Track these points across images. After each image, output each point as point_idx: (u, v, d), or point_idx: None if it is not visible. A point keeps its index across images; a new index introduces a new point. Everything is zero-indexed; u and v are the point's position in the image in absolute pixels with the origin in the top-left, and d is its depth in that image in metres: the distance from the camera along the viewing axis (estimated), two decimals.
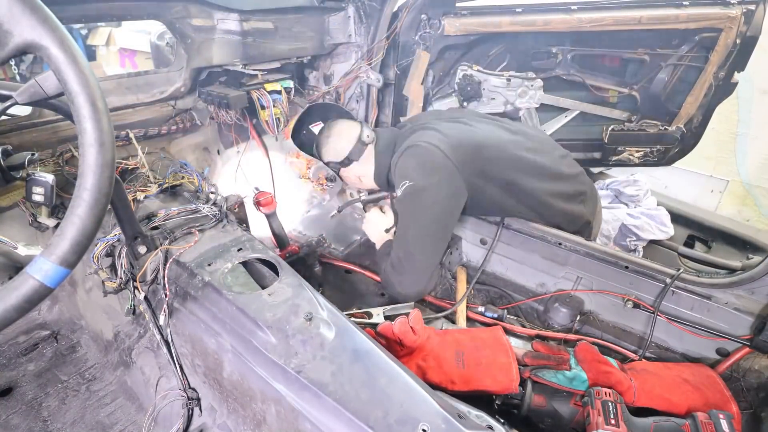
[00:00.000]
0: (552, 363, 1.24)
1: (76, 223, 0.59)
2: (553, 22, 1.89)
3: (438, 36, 1.96)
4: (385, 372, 0.83)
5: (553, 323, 1.73)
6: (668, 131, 2.10)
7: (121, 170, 1.44)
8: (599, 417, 1.13)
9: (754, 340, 1.39)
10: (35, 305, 0.60)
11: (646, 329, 1.62)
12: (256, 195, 1.76)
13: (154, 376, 1.26)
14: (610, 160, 2.23)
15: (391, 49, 2.03)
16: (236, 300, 0.98)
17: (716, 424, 1.10)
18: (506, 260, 1.88)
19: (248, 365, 0.94)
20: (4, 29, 0.56)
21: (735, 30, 1.81)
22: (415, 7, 1.92)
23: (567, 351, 1.29)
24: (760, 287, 1.40)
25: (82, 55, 0.60)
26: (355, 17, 1.93)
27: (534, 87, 2.09)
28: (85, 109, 0.59)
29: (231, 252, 1.15)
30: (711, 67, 1.90)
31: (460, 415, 0.77)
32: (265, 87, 1.80)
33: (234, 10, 1.61)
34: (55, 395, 1.36)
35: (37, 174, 1.00)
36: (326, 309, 0.96)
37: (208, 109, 1.81)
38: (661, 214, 2.01)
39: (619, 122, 2.16)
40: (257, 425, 0.97)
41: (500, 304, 1.87)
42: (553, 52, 2.03)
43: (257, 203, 1.71)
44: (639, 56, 1.98)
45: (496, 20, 1.92)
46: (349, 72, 2.04)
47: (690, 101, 2.01)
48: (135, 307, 1.20)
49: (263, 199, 1.70)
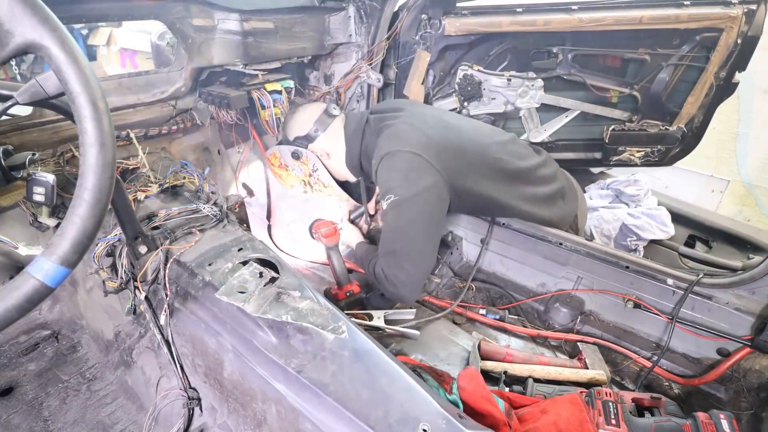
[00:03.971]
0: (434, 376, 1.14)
1: (76, 222, 0.59)
2: (553, 22, 1.89)
3: (438, 36, 1.96)
4: (385, 372, 0.83)
5: (553, 323, 1.73)
6: (669, 131, 2.10)
7: (122, 170, 1.44)
8: (600, 417, 1.13)
9: (755, 340, 1.39)
10: (36, 305, 0.59)
11: (646, 329, 1.62)
12: (316, 224, 1.67)
13: (154, 375, 1.26)
14: (611, 160, 2.23)
15: (392, 49, 2.03)
16: None
17: (717, 424, 1.10)
18: (507, 260, 1.88)
19: (249, 365, 0.94)
20: (4, 29, 0.56)
21: (736, 30, 1.81)
22: (416, 6, 1.92)
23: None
24: (761, 287, 1.40)
25: (83, 55, 0.60)
26: (356, 17, 1.93)
27: (534, 87, 2.09)
28: (86, 109, 0.59)
29: (231, 252, 1.14)
30: (712, 67, 1.90)
31: (461, 415, 0.77)
32: (266, 87, 1.80)
33: (234, 10, 1.61)
34: (55, 395, 1.36)
35: (37, 174, 1.00)
36: (327, 309, 0.96)
37: (209, 109, 1.81)
38: (662, 214, 2.01)
39: (620, 122, 2.16)
40: (258, 425, 0.97)
41: (501, 303, 1.87)
42: (554, 52, 2.02)
43: (317, 233, 1.63)
44: (640, 56, 1.97)
45: (496, 20, 1.92)
46: (350, 72, 2.04)
47: (691, 101, 2.01)
48: (135, 306, 1.20)
49: (326, 230, 1.61)
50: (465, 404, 1.04)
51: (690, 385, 1.49)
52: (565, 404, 1.19)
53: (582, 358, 1.55)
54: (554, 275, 1.77)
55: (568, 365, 1.51)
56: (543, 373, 1.46)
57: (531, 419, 1.17)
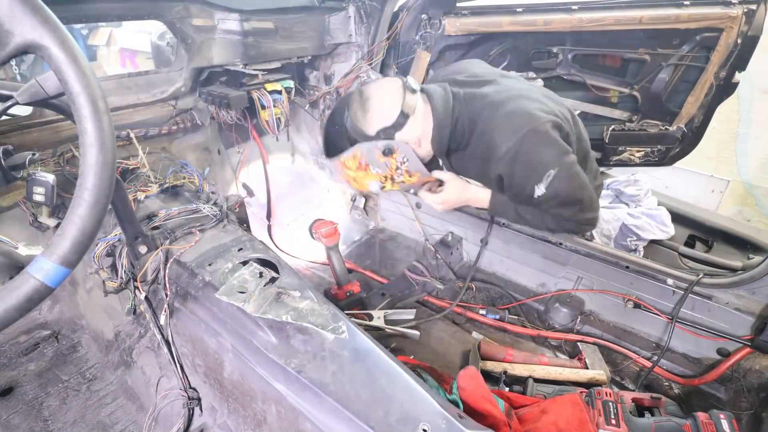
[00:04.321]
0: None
1: (76, 222, 0.59)
2: (553, 22, 1.89)
3: (438, 36, 1.96)
4: (385, 372, 0.83)
5: (553, 323, 1.73)
6: (669, 131, 2.10)
7: (122, 170, 1.44)
8: (600, 417, 1.13)
9: (755, 340, 1.39)
10: (36, 305, 0.60)
11: (646, 329, 1.62)
12: (316, 224, 1.66)
13: (154, 375, 1.26)
14: (611, 160, 2.23)
15: (392, 49, 2.03)
16: None
17: (717, 424, 1.10)
18: (507, 260, 1.88)
19: (249, 365, 0.94)
20: (5, 29, 0.56)
21: (736, 30, 1.81)
22: (416, 6, 1.92)
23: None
24: (761, 287, 1.40)
25: (83, 55, 0.60)
26: (356, 17, 1.93)
27: None
28: (86, 109, 0.59)
29: (231, 252, 1.15)
30: (712, 67, 1.90)
31: (461, 415, 0.77)
32: (266, 87, 1.80)
33: (234, 10, 1.61)
34: (55, 395, 1.36)
35: (37, 174, 1.00)
36: (327, 309, 0.96)
37: (209, 109, 1.81)
38: (662, 214, 2.01)
39: (620, 122, 2.16)
40: (258, 425, 0.97)
41: (501, 303, 1.87)
42: (554, 52, 2.02)
43: (317, 233, 1.62)
44: (640, 56, 1.97)
45: (496, 20, 1.92)
46: (350, 72, 2.04)
47: (691, 101, 2.01)
48: (135, 306, 1.20)
49: (326, 230, 1.59)
50: (465, 404, 1.03)
51: (690, 385, 1.49)
52: (565, 404, 1.19)
53: (582, 358, 1.55)
54: (554, 275, 1.77)
55: (568, 365, 1.51)
56: (543, 373, 1.46)
57: (531, 419, 1.17)
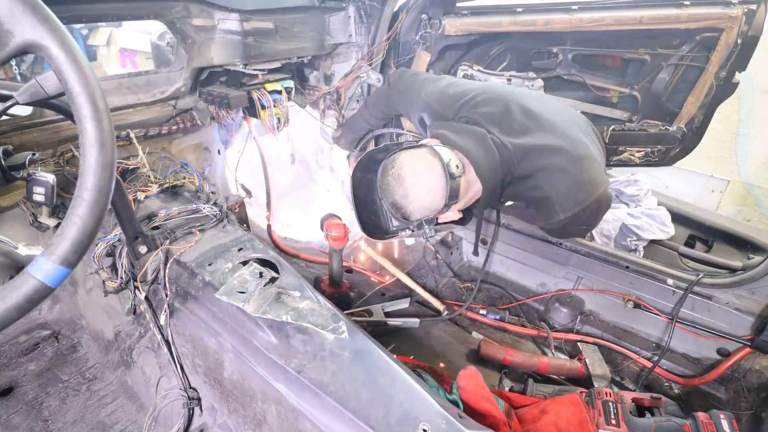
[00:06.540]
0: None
1: (76, 222, 0.59)
2: (553, 22, 1.88)
3: (438, 36, 1.96)
4: (385, 372, 0.83)
5: (553, 323, 1.73)
6: (669, 131, 2.09)
7: (122, 170, 1.44)
8: (600, 417, 1.13)
9: (755, 340, 1.39)
10: (36, 305, 0.59)
11: (646, 329, 1.62)
12: (329, 221, 1.62)
13: (154, 375, 1.26)
14: (611, 160, 2.22)
15: (392, 49, 2.02)
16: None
17: (717, 424, 1.10)
18: (507, 260, 1.88)
19: (249, 365, 0.94)
20: (4, 29, 0.56)
21: (736, 30, 1.80)
22: (416, 6, 1.92)
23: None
24: (761, 287, 1.40)
25: (83, 55, 0.60)
26: (356, 17, 1.92)
27: (534, 87, 2.08)
28: (86, 109, 0.59)
29: (231, 252, 1.14)
30: (712, 67, 1.90)
31: (461, 415, 0.77)
32: (266, 87, 1.80)
33: (234, 10, 1.61)
34: (55, 395, 1.36)
35: (37, 174, 1.00)
36: (327, 309, 0.96)
37: (209, 109, 1.81)
38: (662, 214, 2.01)
39: (620, 122, 2.15)
40: (258, 425, 0.97)
41: (501, 303, 1.87)
42: (554, 52, 2.02)
43: (327, 231, 1.60)
44: (640, 56, 1.97)
45: (496, 20, 1.92)
46: (350, 72, 2.04)
47: (691, 101, 2.00)
48: (135, 306, 1.20)
49: (336, 234, 1.56)
50: (465, 404, 1.04)
51: (690, 385, 1.50)
52: (565, 404, 1.19)
53: (582, 358, 1.55)
54: (554, 275, 1.77)
55: (568, 365, 1.51)
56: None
57: (531, 419, 1.18)
